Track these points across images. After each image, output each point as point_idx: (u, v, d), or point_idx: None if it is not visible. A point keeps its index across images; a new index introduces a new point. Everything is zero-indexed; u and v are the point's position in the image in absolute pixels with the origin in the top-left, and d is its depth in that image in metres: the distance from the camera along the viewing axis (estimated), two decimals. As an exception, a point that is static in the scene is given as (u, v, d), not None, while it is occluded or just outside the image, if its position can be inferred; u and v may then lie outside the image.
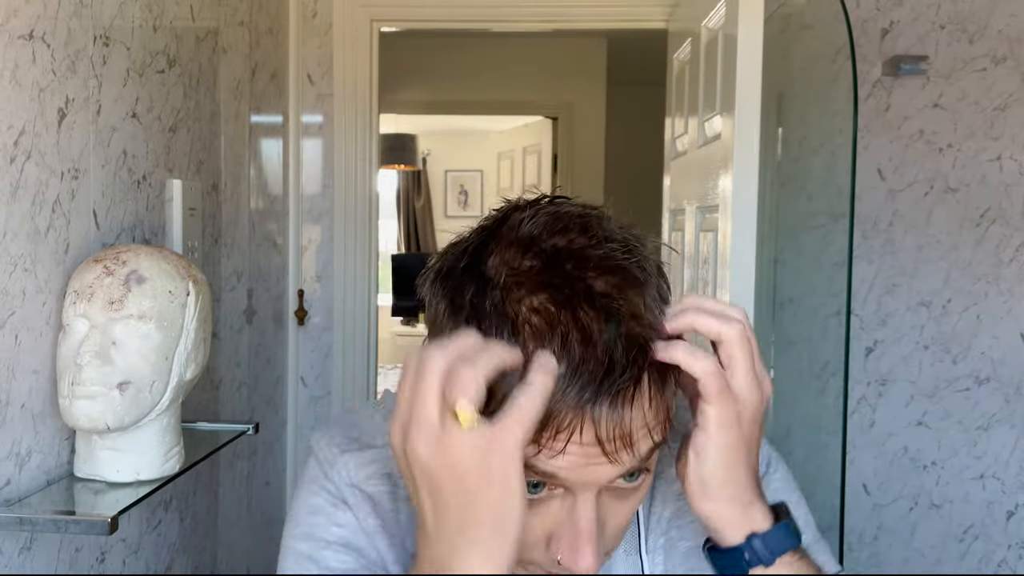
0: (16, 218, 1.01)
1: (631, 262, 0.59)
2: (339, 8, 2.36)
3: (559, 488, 0.60)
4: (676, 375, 0.60)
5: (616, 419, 0.57)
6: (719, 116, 1.77)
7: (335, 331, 2.43)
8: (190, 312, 1.11)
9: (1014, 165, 2.17)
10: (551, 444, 0.57)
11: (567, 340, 0.56)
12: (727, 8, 1.72)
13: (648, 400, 0.58)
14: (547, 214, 0.62)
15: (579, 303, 0.56)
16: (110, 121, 1.24)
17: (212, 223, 1.67)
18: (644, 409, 0.58)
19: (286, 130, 2.29)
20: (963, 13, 2.16)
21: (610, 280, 0.58)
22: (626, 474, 0.60)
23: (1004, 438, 2.21)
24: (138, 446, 1.10)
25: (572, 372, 0.55)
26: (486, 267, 0.59)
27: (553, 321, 0.56)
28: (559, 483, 0.59)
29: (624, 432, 0.57)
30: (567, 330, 0.56)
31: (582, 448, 0.57)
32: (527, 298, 0.57)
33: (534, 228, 0.60)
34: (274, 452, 2.25)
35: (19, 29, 1.01)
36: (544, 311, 0.57)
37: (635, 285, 0.59)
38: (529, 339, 0.56)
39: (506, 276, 0.58)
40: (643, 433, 0.58)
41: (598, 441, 0.57)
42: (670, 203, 2.28)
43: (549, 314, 0.56)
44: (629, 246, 0.60)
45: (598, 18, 2.47)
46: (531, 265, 0.58)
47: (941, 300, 2.21)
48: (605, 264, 0.58)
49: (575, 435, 0.56)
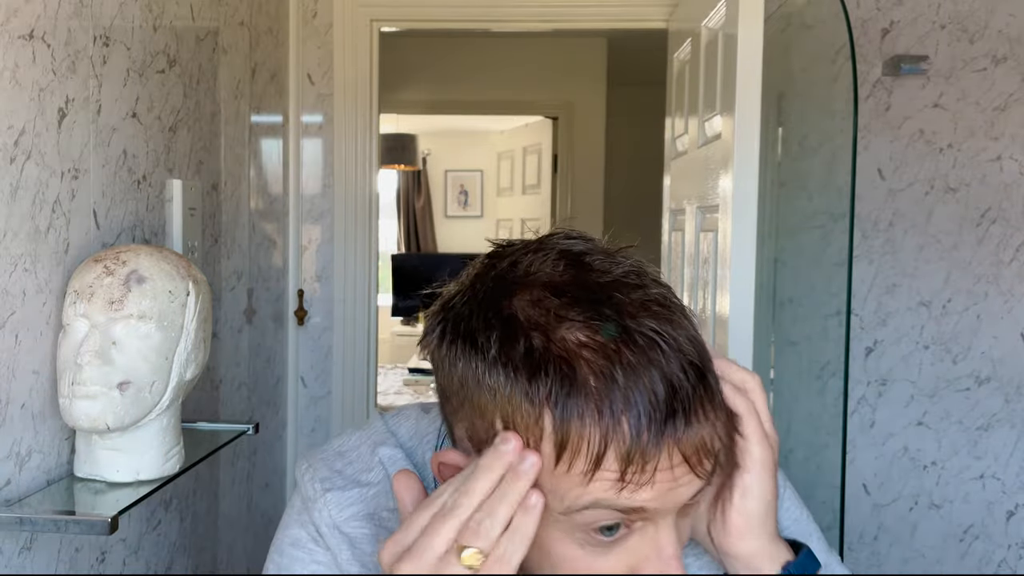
0: (16, 218, 1.01)
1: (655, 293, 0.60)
2: (339, 8, 2.36)
3: (638, 522, 0.58)
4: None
5: (694, 433, 0.56)
6: (719, 116, 1.77)
7: (335, 331, 2.43)
8: (190, 312, 1.11)
9: (1014, 165, 2.17)
10: (638, 478, 0.55)
11: (628, 370, 0.55)
12: (727, 8, 1.72)
13: (711, 406, 0.58)
14: (557, 252, 0.60)
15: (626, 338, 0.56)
16: (110, 121, 1.24)
17: (212, 223, 1.67)
18: (712, 416, 0.58)
19: (286, 130, 2.29)
20: (963, 13, 2.17)
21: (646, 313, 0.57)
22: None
23: (1004, 438, 2.21)
24: (138, 446, 1.10)
25: (644, 405, 0.55)
26: (513, 311, 0.57)
27: (608, 353, 0.55)
28: (642, 516, 0.58)
29: (703, 443, 0.57)
30: (623, 361, 0.55)
31: (671, 472, 0.56)
32: (573, 334, 0.56)
33: (549, 266, 0.59)
34: (274, 452, 2.25)
35: (19, 29, 1.01)
36: (594, 344, 0.55)
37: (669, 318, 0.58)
38: (587, 374, 0.55)
39: (539, 316, 0.56)
40: (715, 439, 0.58)
41: (685, 460, 0.56)
42: (670, 203, 2.28)
43: (603, 348, 0.55)
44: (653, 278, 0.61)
45: (598, 18, 2.47)
46: (562, 302, 0.57)
47: (941, 300, 2.21)
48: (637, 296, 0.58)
49: (663, 461, 0.55)
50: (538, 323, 0.56)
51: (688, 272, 2.01)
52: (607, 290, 0.57)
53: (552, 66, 4.43)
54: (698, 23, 1.96)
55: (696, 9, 1.99)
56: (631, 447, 0.55)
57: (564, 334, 0.56)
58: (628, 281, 0.59)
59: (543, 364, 0.55)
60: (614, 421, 0.54)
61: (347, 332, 2.43)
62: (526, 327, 0.56)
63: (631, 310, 0.57)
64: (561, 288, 0.58)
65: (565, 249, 0.60)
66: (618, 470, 0.55)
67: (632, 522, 0.58)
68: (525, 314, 0.57)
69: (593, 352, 0.55)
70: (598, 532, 0.58)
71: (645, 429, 0.55)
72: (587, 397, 0.54)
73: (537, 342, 0.56)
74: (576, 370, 0.55)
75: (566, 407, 0.55)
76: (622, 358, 0.55)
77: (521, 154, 5.74)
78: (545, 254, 0.60)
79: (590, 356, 0.55)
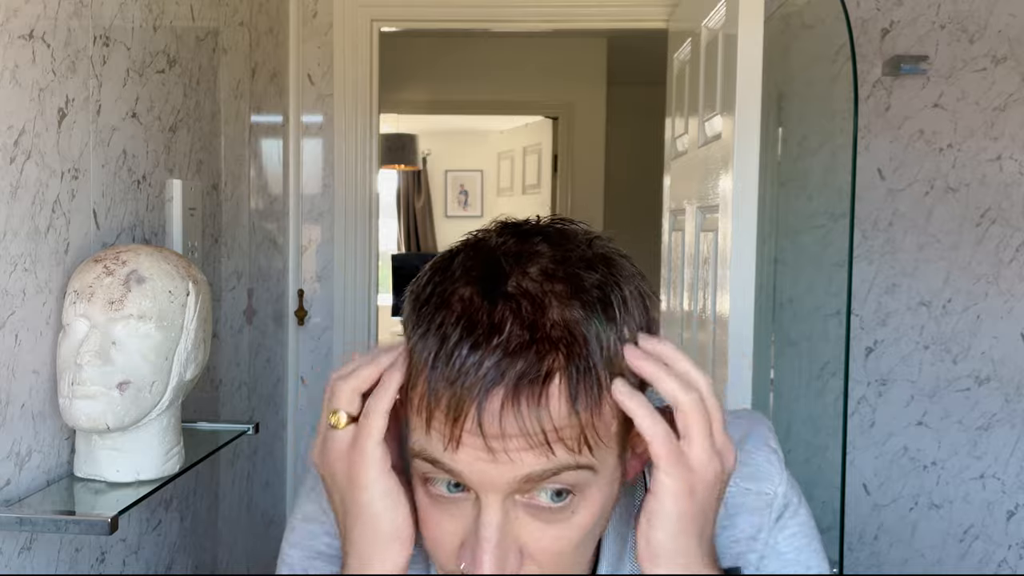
0: (16, 218, 1.01)
1: (589, 280, 0.58)
2: (339, 8, 2.36)
3: (471, 491, 0.58)
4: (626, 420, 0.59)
5: (509, 415, 0.55)
6: (719, 116, 1.77)
7: (335, 331, 2.43)
8: (190, 312, 1.11)
9: (1014, 165, 2.17)
10: (448, 431, 0.56)
11: (476, 327, 0.56)
12: (727, 8, 1.72)
13: (554, 408, 0.55)
14: (528, 226, 0.62)
15: (501, 298, 0.57)
16: (110, 121, 1.24)
17: (212, 223, 1.67)
18: (547, 415, 0.55)
19: (286, 130, 2.29)
20: (963, 13, 2.17)
21: (547, 287, 0.57)
22: (544, 488, 0.58)
23: (1004, 438, 2.21)
24: (138, 446, 1.10)
25: (476, 360, 0.55)
26: (451, 266, 0.61)
27: (471, 310, 0.57)
28: (463, 482, 0.58)
29: (516, 432, 0.55)
30: (480, 318, 0.56)
31: (473, 439, 0.56)
32: (460, 289, 0.58)
33: (505, 238, 0.61)
34: (274, 452, 2.25)
35: (19, 29, 1.01)
36: (468, 300, 0.57)
37: (576, 299, 0.57)
38: (447, 320, 0.57)
39: (455, 271, 0.59)
40: (539, 440, 0.55)
41: (482, 433, 0.55)
42: (670, 203, 2.28)
43: (472, 304, 0.57)
44: (602, 265, 0.60)
45: (598, 18, 2.47)
46: (480, 262, 0.59)
47: (941, 300, 2.21)
48: (551, 272, 0.58)
49: (468, 423, 0.55)
50: (451, 275, 0.59)
51: (688, 272, 2.01)
52: (506, 258, 0.59)
53: (552, 66, 4.43)
54: (698, 23, 1.96)
55: (696, 9, 1.99)
56: (442, 410, 0.56)
57: (457, 287, 0.58)
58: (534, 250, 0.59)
59: (428, 304, 0.59)
60: (437, 368, 0.56)
61: (347, 332, 2.43)
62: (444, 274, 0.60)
63: (513, 282, 0.57)
64: (482, 247, 0.61)
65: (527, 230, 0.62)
66: (434, 426, 0.57)
67: (466, 488, 0.59)
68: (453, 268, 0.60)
69: (462, 305, 0.57)
70: (435, 485, 0.59)
71: (459, 386, 0.55)
72: (434, 344, 0.57)
73: (439, 287, 0.59)
74: (439, 317, 0.57)
75: (421, 342, 0.58)
76: (478, 317, 0.56)
77: (521, 154, 5.73)
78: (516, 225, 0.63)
79: (457, 308, 0.57)
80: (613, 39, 4.33)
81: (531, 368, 0.55)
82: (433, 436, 0.57)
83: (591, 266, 0.59)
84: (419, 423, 0.58)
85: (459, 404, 0.55)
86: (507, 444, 0.55)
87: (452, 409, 0.56)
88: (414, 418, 0.59)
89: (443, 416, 0.56)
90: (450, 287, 0.58)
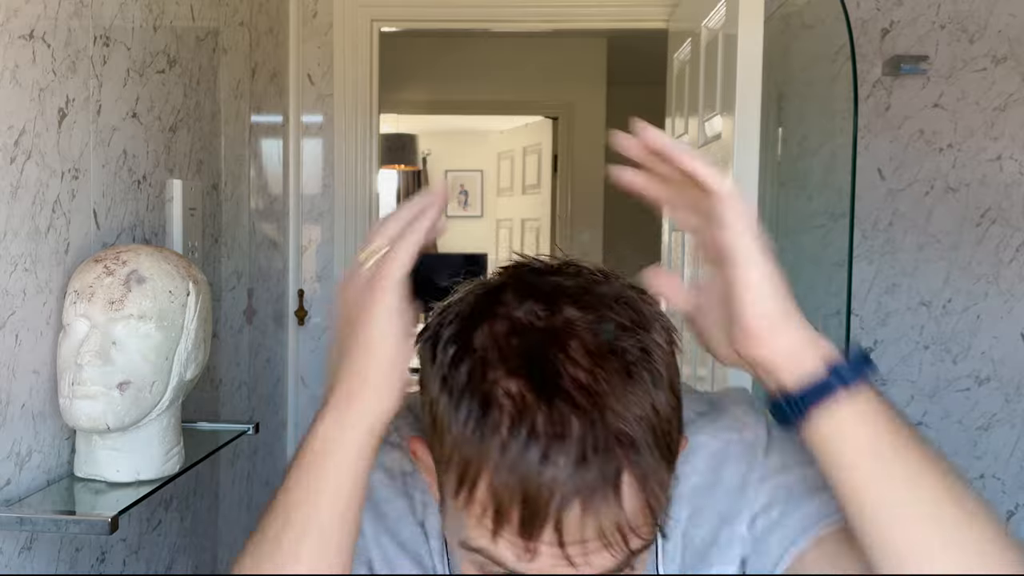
0: (16, 218, 1.01)
1: (629, 343, 0.56)
2: (339, 8, 2.36)
3: None
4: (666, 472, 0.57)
5: (588, 523, 0.53)
6: (719, 116, 1.77)
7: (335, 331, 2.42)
8: (190, 312, 1.11)
9: (1014, 165, 2.17)
10: (522, 543, 0.54)
11: (539, 434, 0.53)
12: (727, 8, 1.72)
13: (628, 505, 0.54)
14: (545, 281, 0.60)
15: (556, 396, 0.53)
16: (110, 121, 1.24)
17: (212, 223, 1.67)
18: (623, 514, 0.54)
19: (286, 130, 2.29)
20: (963, 13, 2.17)
21: (597, 372, 0.54)
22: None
23: (1004, 438, 2.21)
24: (138, 446, 1.10)
25: (550, 474, 0.52)
26: (474, 336, 0.57)
27: (526, 411, 0.54)
28: None
29: (594, 536, 0.54)
30: (540, 422, 0.53)
31: (551, 550, 0.54)
32: (504, 382, 0.55)
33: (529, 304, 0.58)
34: (274, 452, 2.25)
35: (19, 29, 1.01)
36: (520, 399, 0.54)
37: (626, 375, 0.55)
38: (502, 420, 0.54)
39: (488, 351, 0.56)
40: (617, 540, 0.54)
41: (561, 544, 0.53)
42: (670, 203, 2.27)
43: (525, 402, 0.54)
44: (631, 320, 0.57)
45: (598, 18, 2.47)
46: (515, 344, 0.56)
47: (941, 300, 2.21)
48: (595, 349, 0.55)
49: (546, 535, 0.53)
50: (484, 357, 0.56)
51: (688, 272, 2.01)
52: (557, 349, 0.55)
53: (552, 66, 4.43)
54: (698, 23, 1.96)
55: (696, 9, 1.99)
56: (510, 511, 0.53)
57: (499, 377, 0.55)
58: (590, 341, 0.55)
59: (468, 395, 0.55)
60: (502, 476, 0.53)
61: (347, 332, 2.43)
62: (474, 354, 0.56)
63: (569, 376, 0.54)
64: (521, 330, 0.57)
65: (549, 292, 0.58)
66: (497, 529, 0.54)
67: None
68: (480, 342, 0.57)
69: (512, 403, 0.54)
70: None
71: (526, 520, 0.53)
72: (493, 455, 0.54)
73: (475, 373, 0.56)
74: (489, 415, 0.54)
75: (470, 443, 0.55)
76: (533, 418, 0.53)
77: (521, 154, 5.73)
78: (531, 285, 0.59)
79: (508, 406, 0.54)
80: (613, 39, 4.33)
81: (605, 469, 0.53)
82: (501, 544, 0.55)
83: (624, 327, 0.57)
84: (480, 528, 0.56)
85: (534, 518, 0.53)
86: (587, 548, 0.54)
87: (527, 523, 0.53)
88: (469, 517, 0.56)
89: (515, 529, 0.54)
90: (491, 376, 0.55)
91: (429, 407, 0.59)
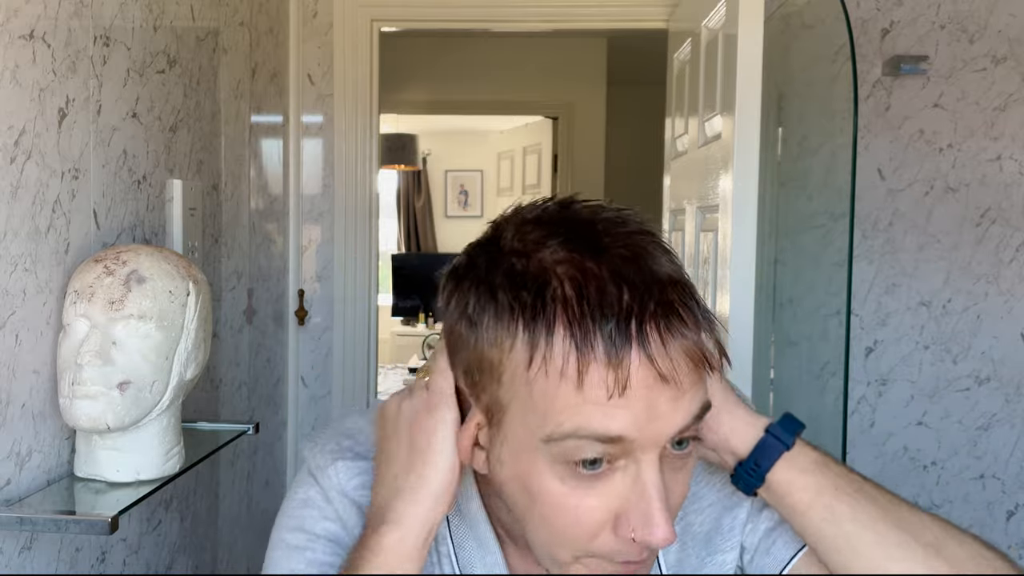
0: (16, 218, 1.01)
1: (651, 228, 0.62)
2: (339, 8, 2.36)
3: (620, 460, 0.58)
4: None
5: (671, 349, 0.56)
6: (719, 116, 1.77)
7: (335, 331, 2.43)
8: (190, 312, 1.11)
9: (1014, 165, 2.17)
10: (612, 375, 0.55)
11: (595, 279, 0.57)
12: (727, 8, 1.72)
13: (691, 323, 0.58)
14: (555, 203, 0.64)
15: (603, 252, 0.58)
16: (110, 121, 1.24)
17: (212, 223, 1.67)
18: (688, 337, 0.57)
19: (286, 130, 2.29)
20: (963, 13, 2.17)
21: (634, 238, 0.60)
22: (677, 440, 0.59)
23: (1004, 438, 2.21)
24: (138, 446, 1.10)
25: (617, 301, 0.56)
26: (499, 243, 0.62)
27: (582, 268, 0.57)
28: (623, 447, 0.57)
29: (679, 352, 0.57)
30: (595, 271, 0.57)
31: (646, 393, 0.56)
32: (551, 255, 0.58)
33: (543, 212, 0.63)
34: (274, 452, 2.25)
35: (19, 29, 1.01)
36: (571, 262, 0.58)
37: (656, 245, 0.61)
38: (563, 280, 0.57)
39: (520, 244, 0.60)
40: (698, 356, 0.58)
41: (661, 378, 0.56)
42: (670, 203, 2.28)
43: (576, 263, 0.57)
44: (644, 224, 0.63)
45: (598, 18, 2.47)
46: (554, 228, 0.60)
47: (941, 300, 2.21)
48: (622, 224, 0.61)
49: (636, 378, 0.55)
50: (517, 249, 0.60)
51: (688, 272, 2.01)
52: (588, 224, 0.60)
53: (552, 66, 4.43)
54: (698, 23, 1.96)
55: (696, 9, 1.99)
56: (600, 358, 0.55)
57: (542, 255, 0.59)
58: (611, 217, 0.61)
59: (522, 281, 0.58)
60: (583, 332, 0.56)
61: (347, 332, 2.43)
62: (508, 254, 0.60)
63: (607, 240, 0.59)
64: (544, 221, 0.61)
65: (559, 199, 0.64)
66: (589, 384, 0.56)
67: (615, 458, 0.58)
68: (509, 244, 0.61)
69: (568, 267, 0.57)
70: (579, 466, 0.58)
71: (613, 342, 0.55)
72: (559, 309, 0.56)
73: (518, 265, 0.59)
74: (549, 283, 0.57)
75: (537, 318, 0.57)
76: (598, 271, 0.57)
77: (521, 154, 5.73)
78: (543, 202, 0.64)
79: (564, 271, 0.57)
80: (613, 39, 4.33)
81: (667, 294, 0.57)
82: (588, 395, 0.56)
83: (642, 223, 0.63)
84: (561, 393, 0.57)
85: (619, 342, 0.55)
86: (676, 366, 0.56)
87: (615, 348, 0.55)
88: (553, 391, 0.57)
89: (602, 355, 0.55)
90: (536, 256, 0.59)
91: (468, 323, 0.61)
